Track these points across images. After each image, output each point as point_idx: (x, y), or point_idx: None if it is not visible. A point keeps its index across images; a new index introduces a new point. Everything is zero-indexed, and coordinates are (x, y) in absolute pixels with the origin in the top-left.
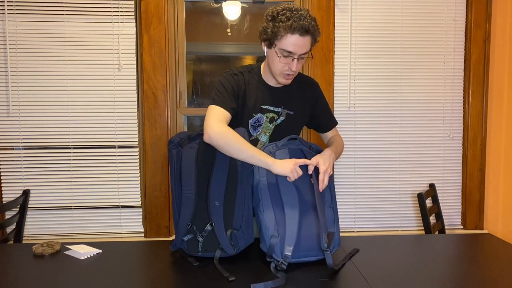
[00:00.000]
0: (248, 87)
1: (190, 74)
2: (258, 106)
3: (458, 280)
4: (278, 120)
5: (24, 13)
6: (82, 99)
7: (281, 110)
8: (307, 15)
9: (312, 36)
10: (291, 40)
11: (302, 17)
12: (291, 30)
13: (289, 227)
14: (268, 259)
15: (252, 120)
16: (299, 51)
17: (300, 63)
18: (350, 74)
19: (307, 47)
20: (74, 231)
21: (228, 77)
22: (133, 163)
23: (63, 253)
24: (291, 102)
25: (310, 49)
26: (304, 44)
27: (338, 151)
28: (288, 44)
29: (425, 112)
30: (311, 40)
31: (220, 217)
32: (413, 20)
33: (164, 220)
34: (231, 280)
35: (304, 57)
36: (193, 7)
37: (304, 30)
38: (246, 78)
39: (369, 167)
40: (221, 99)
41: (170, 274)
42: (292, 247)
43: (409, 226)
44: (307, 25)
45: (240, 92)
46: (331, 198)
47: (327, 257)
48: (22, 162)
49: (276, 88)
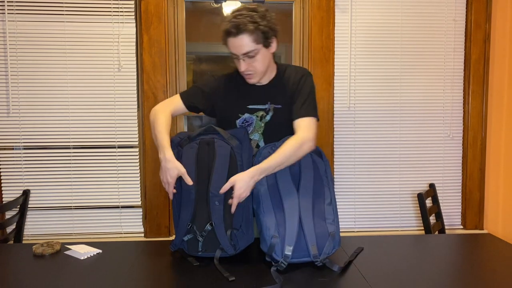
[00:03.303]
0: (229, 90)
1: (190, 74)
2: (243, 106)
3: (458, 280)
4: (268, 116)
5: (24, 13)
6: (82, 99)
7: (268, 106)
8: (241, 14)
9: (249, 33)
10: (229, 43)
11: (234, 17)
12: (224, 33)
13: (289, 227)
14: (268, 259)
15: (239, 121)
16: (238, 51)
17: (249, 62)
18: (350, 74)
19: (247, 46)
20: (74, 231)
21: (210, 79)
22: (133, 163)
23: (63, 253)
24: (277, 95)
25: (268, 44)
26: (241, 44)
27: (275, 163)
28: (229, 47)
29: (425, 112)
30: (250, 37)
31: (220, 217)
32: (413, 20)
33: (164, 220)
34: (231, 280)
35: (252, 55)
36: (193, 7)
37: (234, 31)
38: (227, 82)
39: (369, 167)
40: (187, 92)
41: (170, 274)
42: (292, 247)
43: (409, 226)
44: (236, 24)
45: (214, 96)
46: (331, 197)
47: (329, 265)
48: (22, 162)
49: (260, 86)
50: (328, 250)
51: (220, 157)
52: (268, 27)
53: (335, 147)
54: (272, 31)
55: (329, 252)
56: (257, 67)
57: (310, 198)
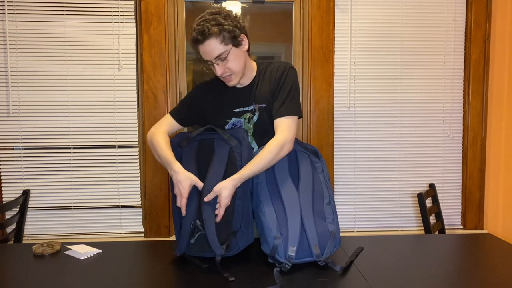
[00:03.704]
0: (212, 97)
1: (190, 74)
2: (230, 111)
3: (458, 280)
4: (254, 117)
5: (24, 13)
6: (82, 99)
7: (253, 106)
8: (204, 19)
9: (215, 36)
10: (200, 51)
11: (198, 24)
12: (192, 42)
13: (291, 228)
14: (271, 260)
15: (228, 126)
16: (209, 57)
17: (223, 65)
18: (350, 74)
19: (216, 49)
20: (74, 231)
21: (193, 90)
22: (133, 163)
23: (63, 253)
24: (260, 95)
25: (238, 43)
26: (210, 49)
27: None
28: (201, 54)
29: (425, 112)
30: (217, 40)
31: (210, 215)
32: (413, 20)
33: (164, 220)
34: (231, 280)
35: (224, 57)
36: (193, 7)
37: (200, 38)
38: (209, 89)
39: (369, 167)
40: (175, 109)
41: (170, 274)
42: (295, 247)
43: (409, 226)
44: (200, 30)
45: (199, 107)
46: (329, 197)
47: (331, 265)
48: (22, 162)
49: (242, 88)
50: (330, 249)
51: (217, 157)
52: (234, 25)
53: (335, 147)
54: (239, 29)
55: (330, 251)
56: (232, 67)
57: (310, 198)
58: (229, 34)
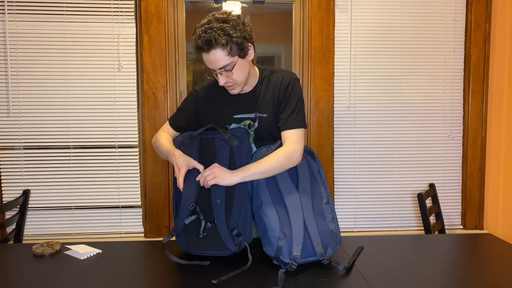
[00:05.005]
0: (212, 102)
1: (190, 74)
2: (230, 117)
3: (458, 280)
4: (255, 124)
5: (24, 13)
6: (82, 99)
7: (254, 115)
8: (211, 27)
9: (222, 47)
10: (203, 58)
11: (204, 32)
12: (196, 50)
13: (295, 227)
14: (276, 262)
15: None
16: (213, 67)
17: (227, 75)
18: (350, 74)
19: (221, 60)
20: (74, 231)
21: (189, 95)
22: (133, 163)
23: (63, 253)
24: (261, 105)
25: (245, 54)
26: (215, 59)
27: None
28: (205, 61)
29: (425, 112)
30: (224, 51)
31: (222, 215)
32: (413, 20)
33: (164, 220)
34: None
35: (228, 69)
36: (193, 7)
37: (205, 47)
38: (208, 94)
39: (369, 167)
40: (173, 116)
41: (170, 274)
42: (300, 246)
43: (409, 226)
44: (207, 40)
45: (197, 113)
46: (327, 196)
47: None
48: (22, 162)
49: (243, 94)
50: (332, 248)
51: (219, 156)
52: (242, 37)
53: (335, 147)
54: (247, 40)
55: (333, 250)
56: (236, 79)
57: (310, 197)
58: (237, 46)
